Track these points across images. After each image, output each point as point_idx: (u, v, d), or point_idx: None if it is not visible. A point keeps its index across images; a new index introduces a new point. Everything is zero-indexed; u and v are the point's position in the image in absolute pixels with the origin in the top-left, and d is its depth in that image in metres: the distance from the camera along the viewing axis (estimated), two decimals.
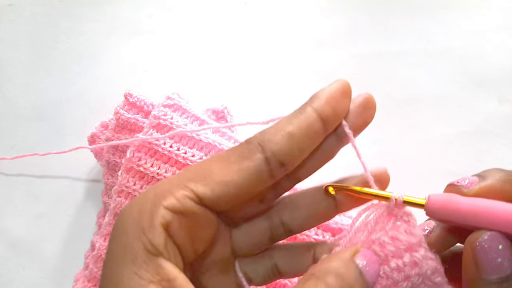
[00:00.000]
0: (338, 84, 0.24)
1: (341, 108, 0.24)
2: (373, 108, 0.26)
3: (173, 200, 0.21)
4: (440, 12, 0.54)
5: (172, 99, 0.40)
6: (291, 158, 0.22)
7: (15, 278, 0.46)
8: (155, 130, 0.39)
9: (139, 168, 0.39)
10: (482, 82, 0.51)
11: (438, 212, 0.23)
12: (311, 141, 0.23)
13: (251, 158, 0.22)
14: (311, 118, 0.23)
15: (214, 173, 0.22)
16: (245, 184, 0.22)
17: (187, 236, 0.21)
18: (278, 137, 0.22)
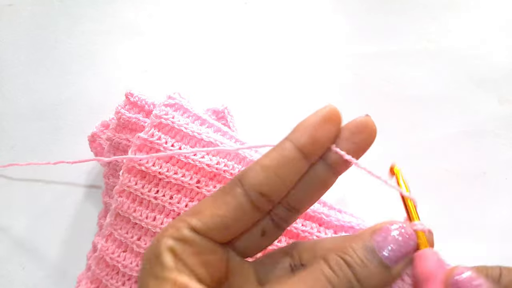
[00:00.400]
0: (322, 110, 0.25)
1: (321, 135, 0.24)
2: (368, 132, 0.25)
3: (172, 230, 0.24)
4: (440, 12, 0.54)
5: (173, 99, 0.40)
6: (269, 187, 0.24)
7: (15, 278, 0.46)
8: (157, 129, 0.39)
9: (140, 168, 0.39)
10: (482, 82, 0.51)
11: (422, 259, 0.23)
12: (289, 170, 0.24)
13: (231, 193, 0.24)
14: (286, 149, 0.24)
15: (204, 208, 0.25)
16: (230, 216, 0.24)
17: (198, 261, 0.24)
18: (253, 171, 0.24)
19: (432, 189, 0.47)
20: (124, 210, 0.40)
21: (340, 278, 0.21)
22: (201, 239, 0.24)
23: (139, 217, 0.39)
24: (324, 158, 0.25)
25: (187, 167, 0.39)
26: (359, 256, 0.22)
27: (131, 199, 0.40)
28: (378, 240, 0.22)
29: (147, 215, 0.39)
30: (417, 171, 0.48)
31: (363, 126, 0.25)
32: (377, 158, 0.49)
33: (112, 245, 0.41)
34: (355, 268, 0.22)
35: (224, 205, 0.24)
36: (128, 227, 0.40)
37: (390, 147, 0.49)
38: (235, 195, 0.24)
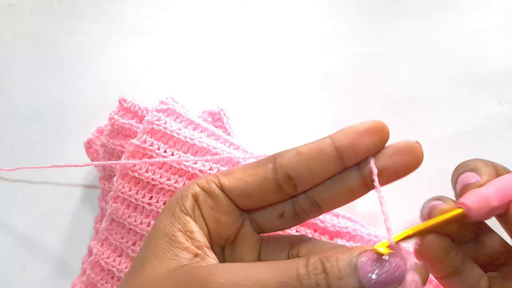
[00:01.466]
0: (369, 121, 0.25)
1: (362, 142, 0.25)
2: (412, 156, 0.25)
3: (204, 181, 0.27)
4: (440, 12, 0.54)
5: (165, 104, 0.40)
6: (297, 173, 0.25)
7: (15, 278, 0.46)
8: (149, 136, 0.39)
9: (134, 174, 0.39)
10: (482, 82, 0.51)
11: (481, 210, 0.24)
12: (320, 163, 0.25)
13: (262, 166, 0.26)
14: (324, 143, 0.25)
15: (235, 172, 0.27)
16: (254, 185, 0.26)
17: (213, 215, 0.27)
18: (288, 153, 0.26)
19: (432, 189, 0.47)
20: (119, 215, 0.40)
21: (311, 281, 0.21)
22: (224, 197, 0.27)
23: (133, 223, 0.39)
24: (361, 167, 0.25)
25: (180, 173, 0.39)
26: (339, 267, 0.22)
27: (125, 205, 0.40)
28: (365, 262, 0.21)
29: (142, 220, 0.39)
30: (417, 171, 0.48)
31: (409, 149, 0.25)
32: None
33: (108, 249, 0.41)
34: (330, 276, 0.21)
35: (252, 174, 0.26)
36: (123, 232, 0.40)
37: None
38: (265, 168, 0.26)
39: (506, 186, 0.24)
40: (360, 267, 0.21)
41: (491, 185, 0.24)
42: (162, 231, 0.26)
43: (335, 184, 0.26)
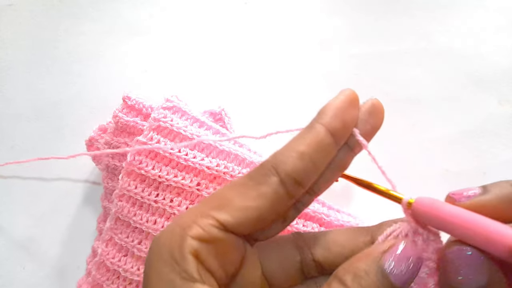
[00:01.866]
0: (344, 95, 0.25)
1: (349, 119, 0.24)
2: (381, 113, 0.26)
3: (199, 229, 0.22)
4: (440, 12, 0.54)
5: (171, 101, 0.40)
6: (306, 176, 0.23)
7: (15, 278, 0.46)
8: (155, 133, 0.39)
9: (140, 171, 0.39)
10: (482, 82, 0.51)
11: (422, 215, 0.24)
12: (323, 157, 0.24)
13: (266, 182, 0.23)
14: (320, 134, 0.24)
15: (234, 200, 0.23)
16: (265, 207, 0.23)
17: (218, 260, 0.22)
18: (290, 158, 0.23)
19: (433, 189, 0.47)
20: (124, 214, 0.40)
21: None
22: (228, 236, 0.23)
23: (139, 221, 0.39)
24: (348, 141, 0.25)
25: (186, 170, 0.39)
26: (373, 280, 0.21)
27: (131, 203, 0.40)
28: (389, 263, 0.22)
29: (148, 218, 0.39)
30: (417, 171, 0.48)
31: (376, 108, 0.26)
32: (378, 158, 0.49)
33: (113, 249, 0.41)
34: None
35: (259, 196, 0.23)
36: (129, 231, 0.40)
37: (390, 147, 0.49)
38: (271, 184, 0.23)
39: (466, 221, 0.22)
40: (388, 270, 0.21)
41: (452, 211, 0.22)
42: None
43: (330, 166, 0.25)
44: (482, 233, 0.21)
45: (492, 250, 0.21)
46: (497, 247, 0.20)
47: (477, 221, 0.21)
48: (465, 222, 0.22)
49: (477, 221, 0.21)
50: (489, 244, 0.21)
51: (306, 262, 0.27)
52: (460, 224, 0.22)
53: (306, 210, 0.39)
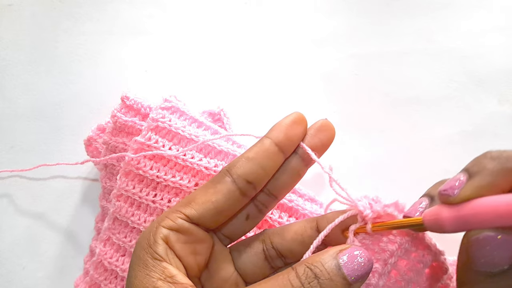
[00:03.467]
0: (291, 115, 0.31)
1: (292, 133, 0.30)
2: (330, 130, 0.31)
3: (169, 221, 0.28)
4: (440, 12, 0.54)
5: (169, 101, 0.40)
6: (254, 176, 0.29)
7: (15, 278, 0.46)
8: (154, 133, 0.39)
9: (138, 171, 0.39)
10: (482, 82, 0.51)
11: (433, 226, 0.25)
12: (270, 162, 0.29)
13: (221, 181, 0.28)
14: (265, 144, 0.29)
15: (197, 198, 0.28)
16: (221, 201, 0.28)
17: (186, 248, 0.28)
18: (239, 162, 0.29)
19: None
20: (122, 214, 0.40)
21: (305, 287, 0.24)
22: (194, 228, 0.28)
23: (137, 221, 0.39)
24: (296, 152, 0.31)
25: (184, 170, 0.39)
26: (327, 270, 0.24)
27: (129, 203, 0.40)
28: (344, 259, 0.25)
29: (145, 219, 0.39)
30: (417, 171, 0.48)
31: (324, 126, 0.31)
32: (378, 158, 0.49)
33: (110, 249, 0.41)
34: (321, 279, 0.24)
35: (215, 193, 0.28)
36: (126, 231, 0.40)
37: (390, 147, 0.49)
38: (225, 183, 0.28)
39: (473, 213, 0.23)
40: (343, 266, 0.24)
41: (459, 208, 0.23)
42: (139, 286, 0.25)
43: (283, 173, 0.31)
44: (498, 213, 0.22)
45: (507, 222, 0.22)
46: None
47: (487, 204, 0.23)
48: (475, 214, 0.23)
49: (488, 204, 0.23)
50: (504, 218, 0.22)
51: (268, 251, 0.31)
52: (472, 218, 0.23)
53: (283, 201, 0.41)
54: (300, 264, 0.25)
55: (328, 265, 0.24)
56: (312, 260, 0.25)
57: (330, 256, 0.24)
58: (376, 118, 0.50)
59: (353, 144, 0.49)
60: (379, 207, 0.27)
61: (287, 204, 0.41)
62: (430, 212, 0.25)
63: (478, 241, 0.23)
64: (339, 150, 0.49)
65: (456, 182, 0.25)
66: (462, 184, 0.24)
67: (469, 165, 0.26)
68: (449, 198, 0.24)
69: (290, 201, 0.41)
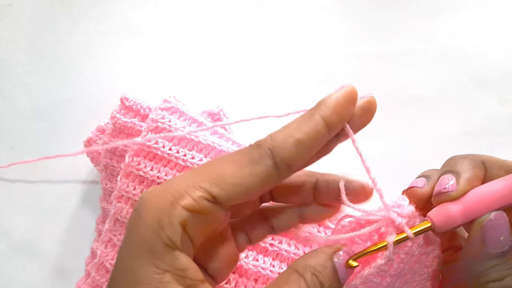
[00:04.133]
0: (345, 91, 0.26)
1: (346, 114, 0.26)
2: (374, 111, 0.27)
3: (191, 200, 0.22)
4: (440, 12, 0.54)
5: (169, 102, 0.40)
6: (298, 162, 0.25)
7: (15, 278, 0.46)
8: (154, 133, 0.39)
9: (138, 172, 0.39)
10: (482, 82, 0.51)
11: (446, 225, 0.26)
12: (317, 145, 0.25)
13: (262, 163, 0.24)
14: (319, 125, 0.25)
15: (228, 175, 0.24)
16: (255, 186, 0.24)
17: (201, 231, 0.23)
18: (287, 144, 0.24)
19: None
20: (123, 215, 0.40)
21: None
22: (215, 208, 0.23)
23: None
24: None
25: (185, 171, 0.39)
26: (328, 275, 0.25)
27: (129, 204, 0.40)
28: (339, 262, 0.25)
29: None
30: (417, 171, 0.48)
31: (371, 106, 0.27)
32: (378, 158, 0.49)
33: (112, 251, 0.41)
34: (324, 286, 0.24)
35: (252, 175, 0.24)
36: None
37: (390, 147, 0.49)
38: (266, 166, 0.24)
39: (476, 201, 0.26)
40: (337, 266, 0.25)
41: (462, 201, 0.26)
42: (142, 279, 0.21)
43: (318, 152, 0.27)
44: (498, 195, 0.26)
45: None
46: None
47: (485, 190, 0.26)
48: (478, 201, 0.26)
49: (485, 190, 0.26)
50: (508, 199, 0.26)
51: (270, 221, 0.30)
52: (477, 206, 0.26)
53: None
54: (305, 269, 0.25)
55: (329, 270, 0.25)
56: (314, 264, 0.25)
57: (329, 257, 0.25)
58: (376, 118, 0.50)
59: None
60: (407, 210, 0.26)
61: None
62: (436, 213, 0.26)
63: (491, 221, 0.25)
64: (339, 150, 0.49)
65: (449, 180, 0.27)
66: (455, 182, 0.27)
67: (447, 167, 0.29)
68: (451, 194, 0.26)
69: None
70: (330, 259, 0.25)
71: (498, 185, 0.26)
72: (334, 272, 0.25)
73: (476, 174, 0.27)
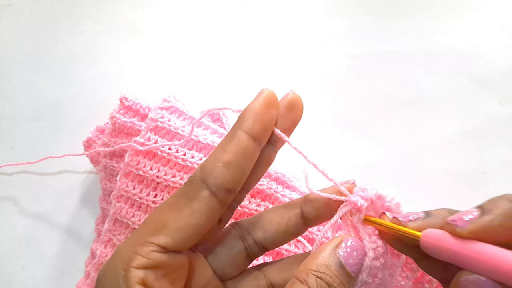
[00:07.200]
0: (262, 97, 0.25)
1: (268, 120, 0.25)
2: (300, 106, 0.27)
3: (141, 258, 0.22)
4: (440, 12, 0.54)
5: (168, 101, 0.40)
6: (235, 183, 0.24)
7: (15, 278, 0.46)
8: (153, 133, 0.39)
9: (138, 172, 0.39)
10: (482, 82, 0.51)
11: (430, 249, 0.24)
12: (249, 161, 0.25)
13: (198, 198, 0.23)
14: (243, 141, 0.24)
15: (170, 222, 0.23)
16: (201, 222, 0.24)
17: (167, 280, 0.23)
18: (217, 170, 0.24)
19: (433, 189, 0.47)
20: (122, 215, 0.40)
21: None
22: (171, 257, 0.23)
23: (137, 222, 0.39)
24: (269, 139, 0.27)
25: (185, 170, 0.39)
26: (334, 273, 0.23)
27: (129, 204, 0.40)
28: (343, 255, 0.23)
29: None
30: (418, 171, 0.48)
31: (295, 102, 0.26)
32: (378, 158, 0.49)
33: (111, 251, 0.41)
34: (334, 286, 0.23)
35: (193, 213, 0.23)
36: (127, 232, 0.40)
37: (390, 147, 0.49)
38: (203, 199, 0.24)
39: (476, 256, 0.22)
40: (344, 261, 0.23)
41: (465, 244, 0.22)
42: None
43: (257, 165, 0.26)
44: (496, 265, 0.21)
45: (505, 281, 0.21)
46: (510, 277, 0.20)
47: (488, 253, 0.21)
48: (475, 256, 0.22)
49: (489, 254, 0.21)
50: (502, 275, 0.21)
51: (250, 247, 0.28)
52: (471, 258, 0.22)
53: (261, 187, 0.40)
54: (305, 273, 0.23)
55: (334, 268, 0.23)
56: (316, 265, 0.23)
57: (331, 255, 0.23)
58: (376, 118, 0.50)
59: (353, 144, 0.49)
60: (370, 194, 0.25)
61: (265, 191, 0.40)
62: (432, 235, 0.23)
63: (467, 281, 0.22)
64: (339, 150, 0.49)
65: (467, 215, 0.23)
66: (473, 219, 0.22)
67: (485, 203, 0.23)
68: (456, 229, 0.22)
69: (269, 188, 0.40)
70: (334, 255, 0.23)
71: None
72: (341, 268, 0.23)
73: (506, 223, 0.22)
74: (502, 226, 0.21)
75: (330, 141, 0.49)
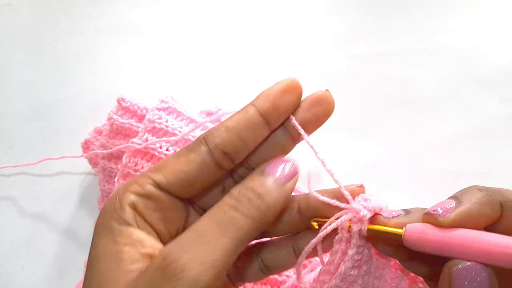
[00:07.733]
0: (283, 81, 0.27)
1: (281, 103, 0.26)
2: (326, 105, 0.27)
3: (136, 186, 0.26)
4: (440, 12, 0.53)
5: (166, 102, 0.40)
6: (232, 148, 0.26)
7: (14, 278, 0.46)
8: (151, 134, 0.39)
9: (136, 173, 0.38)
10: (482, 82, 0.51)
11: (415, 243, 0.24)
12: (252, 134, 0.26)
13: (196, 150, 0.26)
14: (249, 113, 0.26)
15: (167, 165, 0.26)
16: (193, 172, 0.26)
17: (157, 215, 0.26)
18: (218, 131, 0.26)
19: (433, 189, 0.47)
20: None
21: (243, 202, 0.25)
22: (164, 195, 0.26)
23: None
24: (285, 125, 0.28)
25: None
26: (256, 178, 0.25)
27: None
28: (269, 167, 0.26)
29: None
30: (418, 171, 0.48)
31: (322, 99, 0.27)
32: (378, 158, 0.49)
33: None
34: (254, 188, 0.25)
35: (188, 162, 0.26)
36: None
37: (390, 147, 0.49)
38: (200, 152, 0.26)
39: (458, 242, 0.22)
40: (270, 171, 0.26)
41: (446, 233, 0.23)
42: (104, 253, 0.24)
43: (267, 147, 0.28)
44: (483, 249, 0.22)
45: (494, 262, 0.22)
46: (501, 258, 0.22)
47: (471, 238, 0.22)
48: (461, 242, 0.23)
49: (471, 239, 0.22)
50: (491, 257, 0.22)
51: None
52: (457, 245, 0.23)
53: None
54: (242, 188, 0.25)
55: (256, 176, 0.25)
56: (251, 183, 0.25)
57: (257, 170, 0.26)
58: (376, 118, 0.50)
59: (353, 144, 0.49)
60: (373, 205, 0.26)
61: None
62: (414, 229, 0.24)
63: (459, 270, 0.22)
64: (339, 150, 0.49)
65: (445, 205, 0.24)
66: (453, 208, 0.23)
67: (458, 193, 0.25)
68: (438, 218, 0.23)
69: None
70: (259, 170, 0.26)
71: (498, 239, 0.22)
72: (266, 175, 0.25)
73: (481, 210, 0.23)
74: (480, 213, 0.23)
75: (330, 141, 0.49)
